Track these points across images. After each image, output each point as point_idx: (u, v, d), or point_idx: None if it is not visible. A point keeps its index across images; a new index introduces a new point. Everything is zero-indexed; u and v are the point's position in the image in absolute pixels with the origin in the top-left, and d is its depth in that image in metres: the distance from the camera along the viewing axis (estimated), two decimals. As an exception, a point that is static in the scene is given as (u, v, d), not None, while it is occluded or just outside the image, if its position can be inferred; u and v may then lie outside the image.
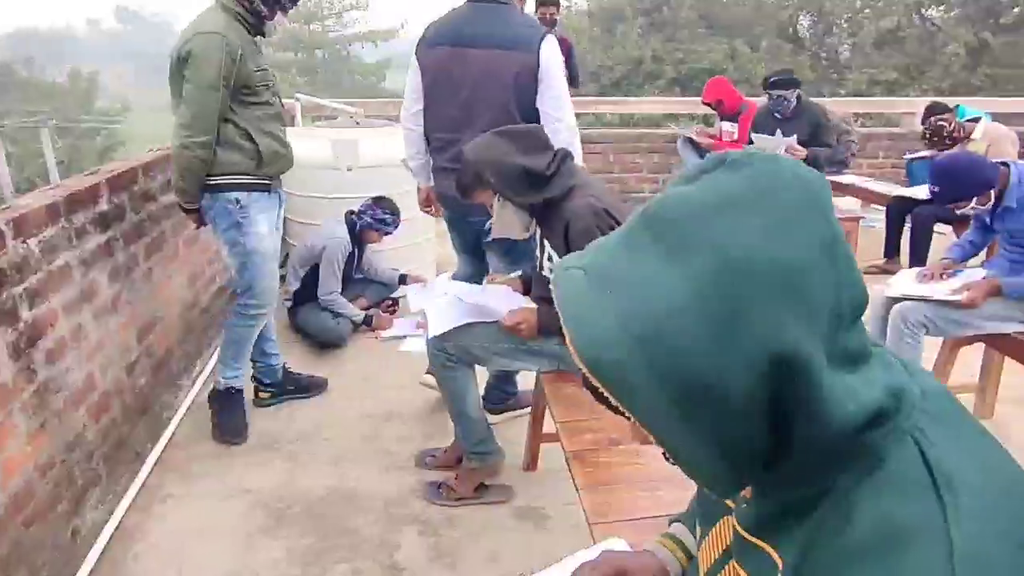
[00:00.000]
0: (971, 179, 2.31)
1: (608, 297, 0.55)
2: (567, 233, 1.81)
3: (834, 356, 0.55)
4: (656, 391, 0.53)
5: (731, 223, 0.53)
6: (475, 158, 1.88)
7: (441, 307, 2.07)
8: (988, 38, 15.29)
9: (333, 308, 3.26)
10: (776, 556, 0.64)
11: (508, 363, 2.02)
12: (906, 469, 0.56)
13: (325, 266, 3.22)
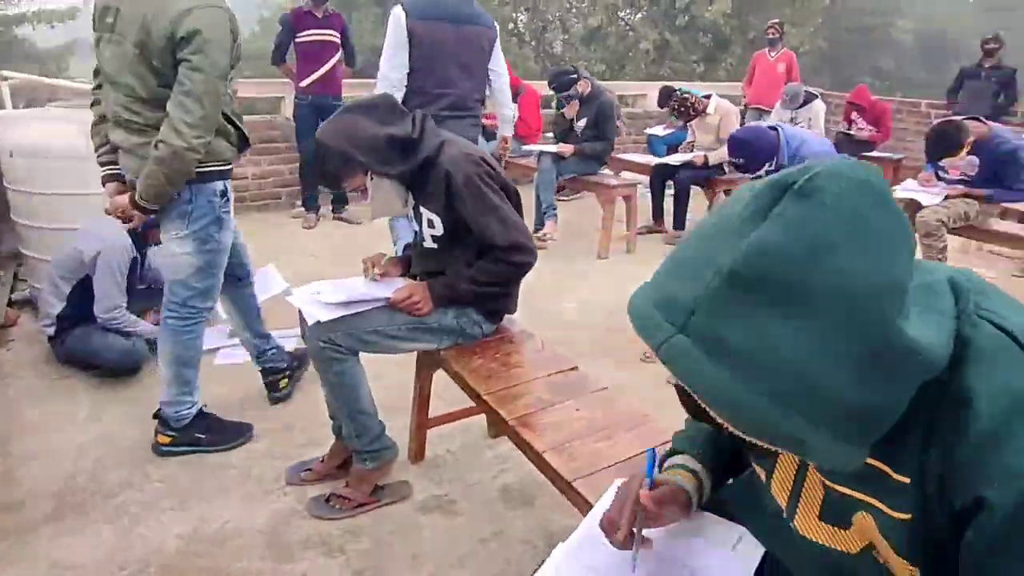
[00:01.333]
0: (763, 147, 2.74)
1: (734, 371, 0.59)
2: (448, 188, 1.72)
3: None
4: (803, 427, 0.59)
5: (836, 267, 0.56)
6: (337, 141, 1.69)
7: (318, 300, 1.81)
8: (668, 37, 18.29)
9: (119, 327, 2.65)
10: (894, 475, 0.67)
11: (407, 344, 1.85)
12: (992, 344, 0.62)
13: (103, 276, 2.59)
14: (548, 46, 20.80)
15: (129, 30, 1.78)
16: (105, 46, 1.87)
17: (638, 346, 3.09)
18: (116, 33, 1.82)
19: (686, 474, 1.01)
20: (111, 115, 1.94)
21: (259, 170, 5.15)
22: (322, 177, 1.76)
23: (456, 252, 1.84)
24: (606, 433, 1.50)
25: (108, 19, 1.84)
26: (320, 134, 1.72)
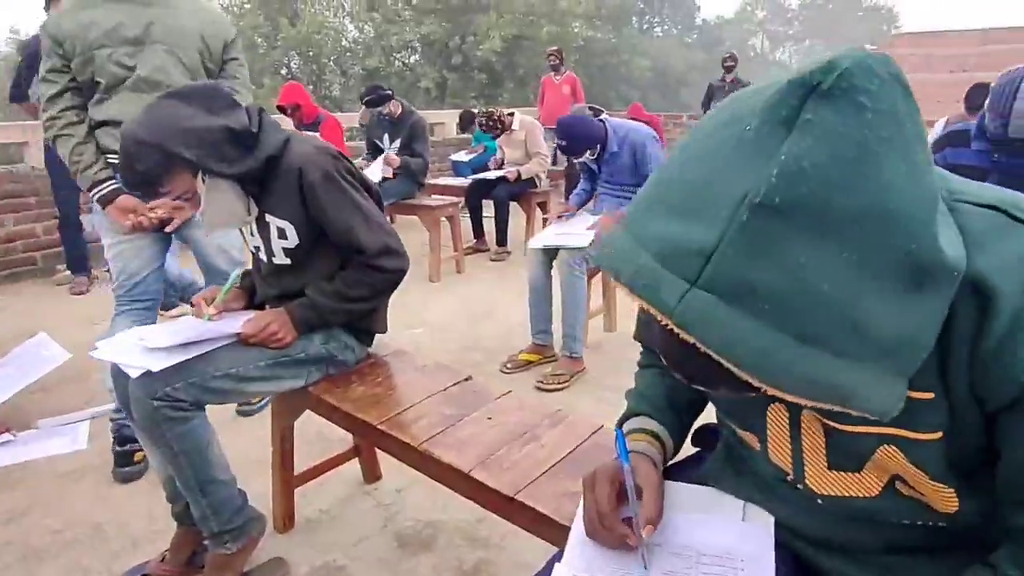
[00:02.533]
0: (588, 133, 2.82)
1: (767, 320, 0.48)
2: (302, 187, 1.46)
3: None
4: (849, 372, 0.49)
5: (882, 180, 0.48)
6: (155, 134, 1.34)
7: (142, 347, 1.41)
8: (446, 75, 18.95)
9: None
10: (914, 394, 0.61)
11: (267, 386, 1.51)
12: (984, 223, 0.59)
13: None
14: (327, 89, 20.38)
15: (184, 41, 2.06)
16: (133, 57, 2.00)
17: (497, 358, 2.98)
18: (158, 43, 2.02)
19: (646, 438, 0.91)
20: None
21: (3, 231, 4.19)
22: (134, 183, 1.38)
23: (315, 266, 1.56)
24: (530, 436, 1.34)
25: (129, 33, 1.99)
26: (130, 129, 1.35)
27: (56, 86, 1.99)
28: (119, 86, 2.01)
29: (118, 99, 2.01)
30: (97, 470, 2.16)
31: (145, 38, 2.00)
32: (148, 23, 2.00)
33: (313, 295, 1.52)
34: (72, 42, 1.96)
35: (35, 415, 2.52)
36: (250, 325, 1.47)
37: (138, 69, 2.00)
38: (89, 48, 1.96)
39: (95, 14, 1.97)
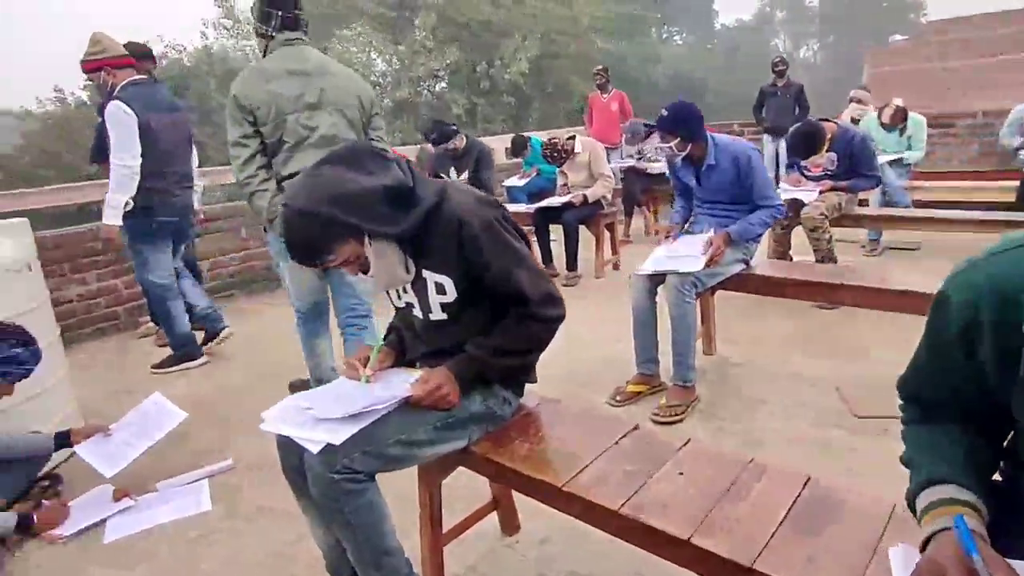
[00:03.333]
0: (695, 117, 2.75)
1: None
2: (462, 240, 1.39)
3: None
4: None
5: None
6: (318, 203, 1.30)
7: (314, 418, 1.35)
8: (476, 100, 19.11)
9: None
10: None
11: (435, 449, 1.43)
12: None
13: None
14: (357, 123, 20.70)
15: (347, 102, 2.43)
16: (311, 119, 2.37)
17: (598, 388, 2.87)
18: (329, 106, 2.39)
19: (966, 510, 0.80)
20: None
21: (85, 289, 4.26)
22: (301, 253, 1.34)
23: (472, 320, 1.49)
24: (735, 492, 1.24)
25: (309, 99, 2.36)
26: (290, 198, 1.31)
27: (249, 149, 2.35)
28: (302, 143, 2.38)
29: (302, 155, 2.36)
30: (226, 532, 2.11)
31: (320, 103, 2.38)
32: (320, 90, 2.38)
33: (475, 351, 1.45)
34: (265, 110, 2.31)
35: (148, 477, 2.49)
36: (420, 388, 1.40)
37: (319, 129, 2.37)
38: (280, 114, 2.33)
39: (279, 86, 2.32)
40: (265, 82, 2.32)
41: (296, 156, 2.36)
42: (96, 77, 3.24)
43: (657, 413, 2.60)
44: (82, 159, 13.84)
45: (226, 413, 3.03)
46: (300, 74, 2.36)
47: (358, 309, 2.66)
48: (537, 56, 18.51)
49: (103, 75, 3.21)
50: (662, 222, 6.33)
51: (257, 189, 2.38)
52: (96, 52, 3.20)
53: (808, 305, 3.69)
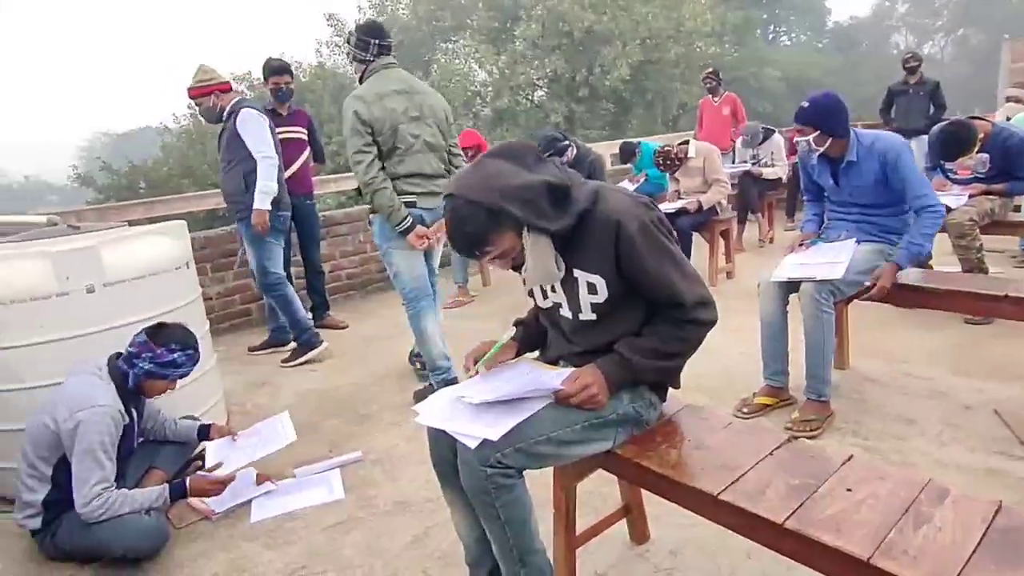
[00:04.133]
0: (841, 111, 2.55)
1: None
2: (619, 240, 1.38)
3: None
4: None
5: None
6: (484, 193, 1.33)
7: (470, 406, 1.39)
8: (574, 108, 19.12)
9: (110, 516, 1.99)
10: None
11: (580, 449, 1.43)
12: None
13: (83, 458, 1.97)
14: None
15: (439, 115, 2.93)
16: (417, 128, 2.84)
17: (722, 400, 2.76)
18: (427, 118, 2.87)
19: None
20: (432, 170, 2.91)
21: (223, 287, 4.61)
22: (462, 243, 1.38)
23: (622, 321, 1.47)
24: (916, 514, 1.14)
25: (413, 113, 2.83)
26: (458, 188, 1.35)
27: (370, 155, 2.78)
28: (411, 149, 2.84)
29: (411, 158, 2.85)
30: (362, 522, 2.20)
31: (421, 116, 2.84)
32: (420, 105, 2.85)
33: (627, 352, 1.43)
34: (380, 122, 2.77)
35: (285, 464, 2.65)
36: (570, 385, 1.40)
37: (422, 136, 2.85)
38: (395, 125, 2.79)
39: (391, 102, 2.78)
40: (380, 100, 2.77)
41: (407, 159, 2.82)
42: (206, 100, 3.59)
43: (790, 427, 2.47)
44: (211, 169, 15.09)
45: (352, 407, 3.18)
46: (403, 92, 2.82)
47: (434, 285, 3.16)
48: (639, 62, 18.26)
49: (213, 99, 3.59)
50: (776, 230, 6.05)
51: (380, 187, 2.79)
52: (206, 79, 3.58)
53: (947, 317, 3.39)
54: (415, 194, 2.86)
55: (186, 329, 2.23)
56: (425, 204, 2.89)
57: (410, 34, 20.26)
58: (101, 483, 1.98)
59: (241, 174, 3.58)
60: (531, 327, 1.71)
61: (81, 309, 2.38)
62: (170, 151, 16.23)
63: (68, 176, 18.78)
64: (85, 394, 2.02)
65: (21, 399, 2.37)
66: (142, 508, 2.05)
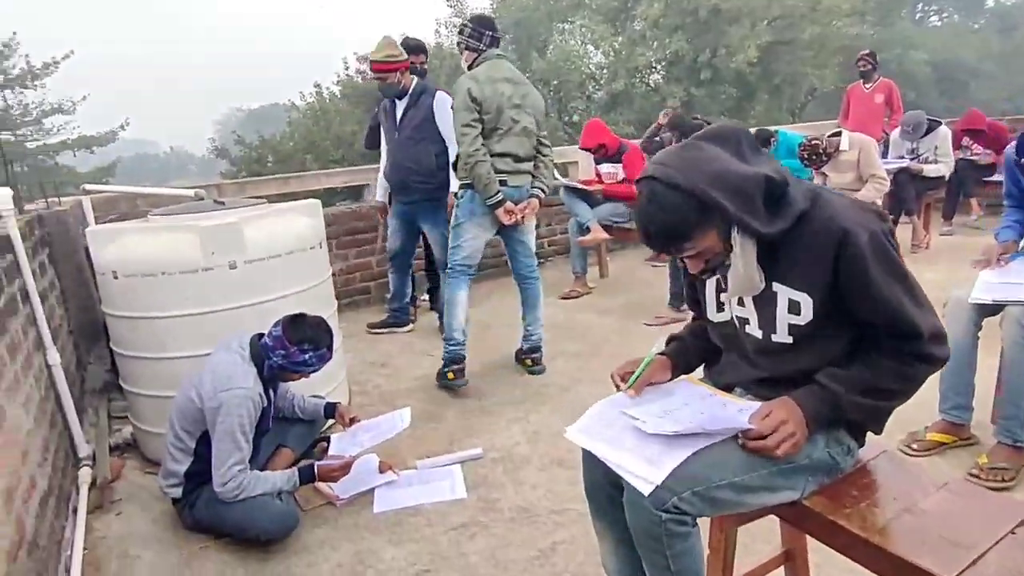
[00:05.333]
0: None
1: None
2: (841, 253, 1.14)
3: None
4: None
5: None
6: (693, 180, 1.14)
7: (629, 433, 1.23)
8: (694, 92, 18.26)
9: (245, 496, 2.02)
10: None
11: (763, 498, 1.23)
12: None
13: (223, 438, 2.00)
14: (568, 115, 20.92)
15: (536, 107, 3.16)
16: (518, 114, 3.07)
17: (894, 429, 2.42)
18: (527, 107, 3.10)
19: None
20: (524, 153, 3.14)
21: (346, 264, 4.69)
22: (659, 235, 1.19)
23: (822, 347, 1.25)
24: None
25: (516, 101, 3.07)
26: (661, 171, 1.17)
27: (475, 130, 2.99)
28: (509, 132, 3.07)
29: (507, 140, 3.06)
30: (485, 528, 2.10)
31: (522, 104, 3.08)
32: (523, 95, 3.09)
33: (833, 385, 1.21)
34: (489, 103, 2.99)
35: (407, 454, 2.60)
36: (762, 422, 1.19)
37: (521, 122, 3.08)
38: (501, 107, 3.02)
39: (500, 87, 3.01)
40: (492, 83, 2.99)
41: (504, 140, 3.03)
42: (391, 76, 3.62)
43: (976, 474, 2.12)
44: (332, 145, 15.72)
45: (470, 398, 3.10)
46: (510, 81, 3.06)
47: (533, 268, 3.33)
48: (768, 43, 17.13)
49: (397, 75, 3.64)
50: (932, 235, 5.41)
51: (481, 159, 2.98)
52: (395, 56, 3.62)
53: None
54: (506, 172, 3.06)
55: (321, 327, 2.19)
56: (514, 182, 3.11)
57: (527, 14, 20.03)
58: (238, 464, 2.00)
59: (432, 153, 3.68)
60: (688, 344, 1.51)
61: (222, 284, 2.42)
62: (296, 127, 17.05)
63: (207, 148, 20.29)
64: (229, 374, 2.04)
65: (164, 367, 2.46)
66: (274, 491, 2.06)
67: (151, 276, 2.37)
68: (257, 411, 2.08)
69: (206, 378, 2.07)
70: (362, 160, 14.75)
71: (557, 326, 4.08)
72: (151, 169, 65.08)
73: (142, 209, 3.80)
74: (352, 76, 18.02)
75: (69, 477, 2.40)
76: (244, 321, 2.38)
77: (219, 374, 2.05)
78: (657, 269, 5.42)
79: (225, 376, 2.04)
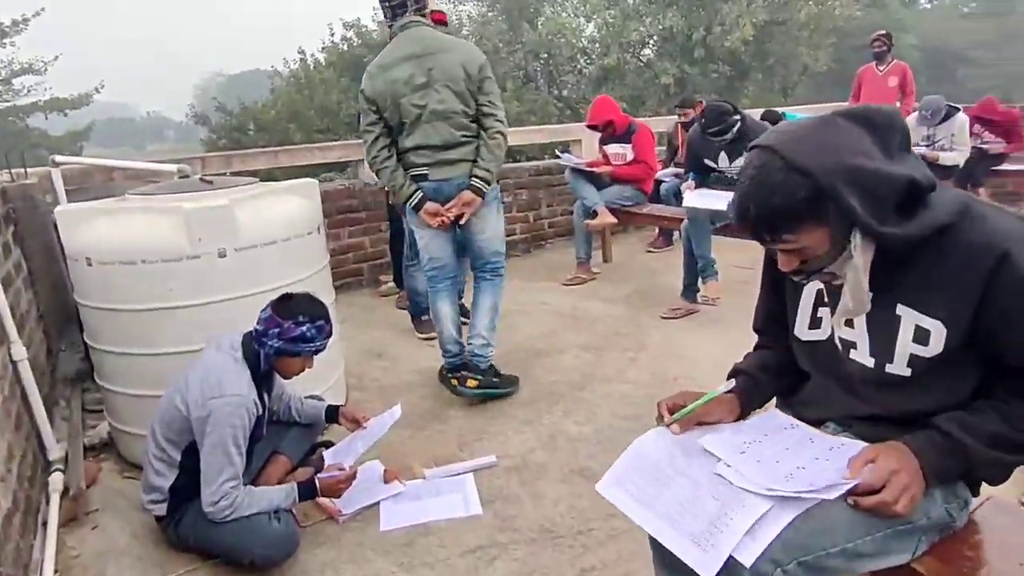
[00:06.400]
0: None
1: None
2: (992, 278, 0.95)
3: None
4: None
5: None
6: (819, 164, 0.93)
7: (683, 506, 1.02)
8: (687, 70, 17.95)
9: (237, 516, 1.79)
10: None
11: (874, 563, 1.04)
12: None
13: (213, 451, 1.77)
14: (558, 89, 20.49)
15: (454, 76, 2.54)
16: (423, 97, 2.55)
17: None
18: (437, 84, 2.54)
19: None
20: (441, 141, 2.59)
21: (338, 244, 4.43)
22: (756, 215, 0.98)
23: (945, 387, 1.05)
24: None
25: (418, 80, 2.54)
26: (781, 143, 0.96)
27: (374, 134, 2.63)
28: (418, 120, 2.58)
29: (418, 130, 2.60)
30: (506, 550, 1.91)
31: (429, 82, 2.54)
32: (429, 69, 2.54)
33: (960, 435, 1.01)
34: (382, 98, 2.57)
35: (412, 458, 2.40)
36: (874, 476, 0.99)
37: (428, 106, 2.55)
38: (396, 98, 2.56)
39: (394, 73, 2.55)
40: (383, 72, 2.57)
41: (414, 132, 2.60)
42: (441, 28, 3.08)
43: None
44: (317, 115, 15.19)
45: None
46: (412, 58, 2.55)
47: (496, 265, 2.83)
48: (764, 22, 16.82)
49: None
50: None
51: (381, 167, 2.67)
52: None
53: None
54: (428, 165, 2.63)
55: (312, 298, 1.96)
56: (437, 175, 2.64)
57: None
58: (230, 480, 1.77)
59: None
60: (761, 381, 1.28)
61: (210, 274, 2.17)
62: (279, 95, 16.46)
63: (185, 114, 19.55)
64: (220, 379, 1.80)
65: (145, 365, 2.22)
66: (270, 509, 1.84)
67: (130, 264, 2.11)
68: (252, 420, 1.85)
69: (193, 383, 1.83)
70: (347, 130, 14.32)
71: (563, 315, 3.88)
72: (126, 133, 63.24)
73: (118, 184, 3.49)
74: (337, 43, 17.43)
75: (38, 485, 2.16)
76: (234, 316, 2.13)
77: (209, 379, 1.81)
78: (660, 256, 5.24)
79: (215, 381, 1.80)
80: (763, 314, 1.33)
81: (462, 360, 2.84)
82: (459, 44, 2.63)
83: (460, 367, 2.84)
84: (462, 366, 2.83)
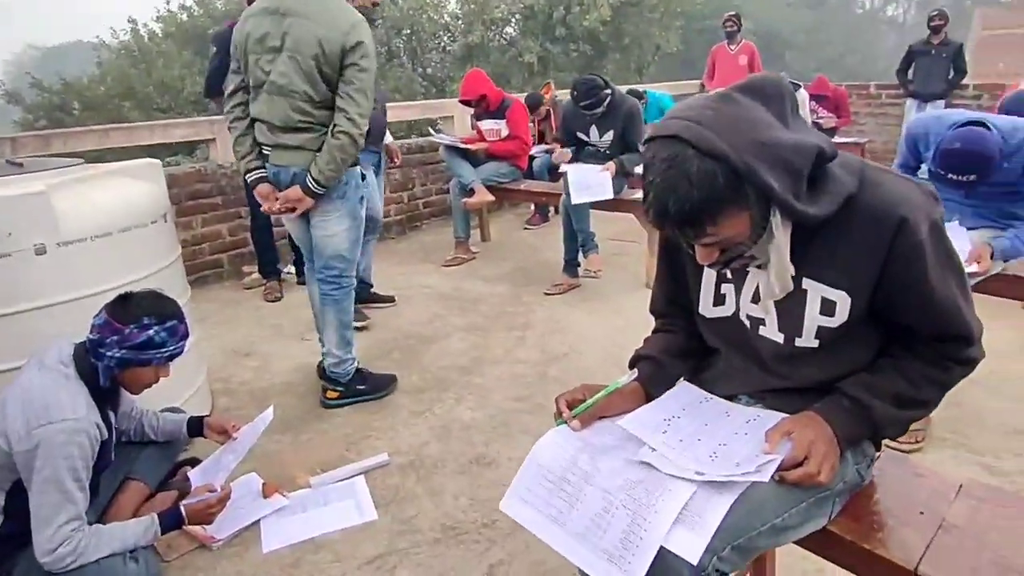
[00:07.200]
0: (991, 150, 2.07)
1: None
2: (894, 245, 0.94)
3: None
4: None
5: None
6: (733, 147, 0.86)
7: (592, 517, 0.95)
8: (549, 47, 18.23)
9: (84, 562, 1.48)
10: None
11: (796, 533, 1.02)
12: None
13: (45, 488, 1.45)
14: (423, 66, 20.05)
15: (304, 48, 2.12)
16: (271, 63, 2.17)
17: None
18: (287, 51, 2.14)
19: None
20: (279, 120, 2.20)
21: (190, 234, 3.96)
22: (675, 211, 0.88)
23: (851, 354, 1.05)
24: None
25: (272, 42, 2.16)
26: (692, 131, 0.87)
27: (231, 86, 2.28)
28: (260, 88, 2.21)
29: (260, 100, 2.22)
30: (407, 556, 1.77)
31: (281, 47, 2.15)
32: (284, 33, 2.14)
33: (865, 397, 1.01)
34: (239, 49, 2.22)
35: (294, 466, 2.18)
36: (795, 451, 0.97)
37: (271, 75, 2.17)
38: (245, 55, 2.21)
39: (252, 24, 2.18)
40: (246, 20, 2.22)
41: (257, 100, 2.24)
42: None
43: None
44: (155, 92, 13.68)
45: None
46: (273, 13, 2.16)
47: (335, 276, 2.44)
48: (619, 3, 17.43)
49: None
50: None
51: (231, 125, 2.32)
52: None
53: (1011, 305, 3.10)
54: (266, 145, 2.27)
55: (159, 295, 1.67)
56: (276, 160, 2.26)
57: (377, -45, 18.68)
58: (71, 521, 1.48)
59: None
60: (666, 366, 1.22)
61: (25, 276, 1.80)
62: (108, 69, 14.65)
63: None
64: (47, 403, 1.48)
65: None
66: (124, 549, 1.56)
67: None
68: (95, 447, 1.55)
69: (13, 410, 1.49)
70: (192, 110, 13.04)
71: (445, 297, 3.75)
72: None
73: None
74: (175, 12, 15.81)
75: None
76: (60, 324, 1.79)
77: (32, 404, 1.49)
78: (538, 232, 5.24)
79: (41, 406, 1.49)
80: (662, 297, 1.28)
81: None
82: (327, 12, 2.13)
83: (324, 375, 2.60)
84: (324, 374, 2.60)
